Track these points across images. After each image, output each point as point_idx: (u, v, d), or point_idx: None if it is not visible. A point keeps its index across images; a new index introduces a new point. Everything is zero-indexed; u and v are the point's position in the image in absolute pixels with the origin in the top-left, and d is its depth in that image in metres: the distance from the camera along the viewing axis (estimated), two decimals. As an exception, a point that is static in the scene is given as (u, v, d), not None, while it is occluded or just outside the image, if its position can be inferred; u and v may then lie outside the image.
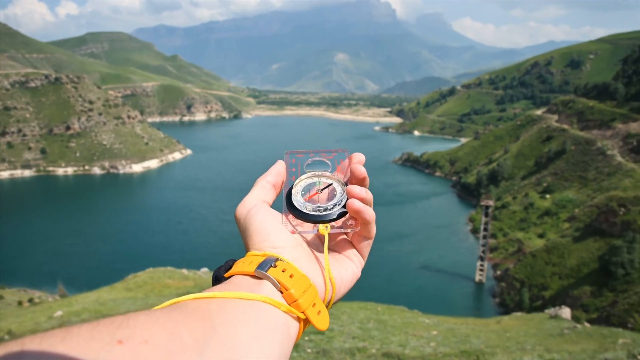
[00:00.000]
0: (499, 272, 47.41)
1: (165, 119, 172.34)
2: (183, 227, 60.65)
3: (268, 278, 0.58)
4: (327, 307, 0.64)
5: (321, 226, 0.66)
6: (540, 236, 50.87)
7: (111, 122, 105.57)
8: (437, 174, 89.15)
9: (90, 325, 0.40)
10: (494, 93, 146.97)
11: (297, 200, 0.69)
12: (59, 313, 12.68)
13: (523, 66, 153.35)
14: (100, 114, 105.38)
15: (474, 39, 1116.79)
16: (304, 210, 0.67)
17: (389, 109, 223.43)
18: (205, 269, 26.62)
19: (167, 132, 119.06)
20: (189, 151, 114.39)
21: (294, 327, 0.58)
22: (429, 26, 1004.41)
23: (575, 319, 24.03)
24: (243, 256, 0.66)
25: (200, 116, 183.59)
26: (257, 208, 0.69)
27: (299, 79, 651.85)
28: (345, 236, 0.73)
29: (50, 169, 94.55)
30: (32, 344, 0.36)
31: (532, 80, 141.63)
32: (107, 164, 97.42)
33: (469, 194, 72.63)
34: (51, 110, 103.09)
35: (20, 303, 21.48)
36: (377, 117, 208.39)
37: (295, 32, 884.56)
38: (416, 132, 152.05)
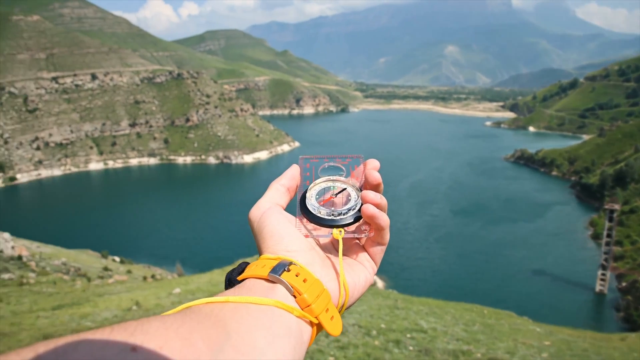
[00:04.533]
0: (624, 284, 43.17)
1: (275, 112, 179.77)
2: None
3: (281, 282, 0.58)
4: (339, 312, 0.63)
5: (335, 230, 0.66)
6: (676, 246, 45.45)
7: (225, 115, 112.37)
8: (554, 173, 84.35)
9: (105, 332, 0.40)
10: (624, 85, 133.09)
11: (312, 204, 0.68)
12: (177, 290, 13.55)
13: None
14: (216, 107, 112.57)
15: (601, 26, 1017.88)
16: (318, 214, 0.67)
17: (501, 104, 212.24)
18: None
19: (276, 125, 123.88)
20: (297, 144, 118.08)
21: (307, 332, 0.57)
22: (549, 14, 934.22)
23: None
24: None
25: (308, 109, 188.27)
26: (271, 211, 0.69)
27: (406, 73, 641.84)
28: (358, 241, 0.72)
29: (172, 157, 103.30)
30: (45, 350, 0.36)
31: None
32: (221, 154, 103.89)
33: (590, 196, 67.21)
34: (173, 103, 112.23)
35: (144, 278, 23.37)
36: (489, 112, 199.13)
37: (404, 25, 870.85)
38: (531, 128, 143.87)
